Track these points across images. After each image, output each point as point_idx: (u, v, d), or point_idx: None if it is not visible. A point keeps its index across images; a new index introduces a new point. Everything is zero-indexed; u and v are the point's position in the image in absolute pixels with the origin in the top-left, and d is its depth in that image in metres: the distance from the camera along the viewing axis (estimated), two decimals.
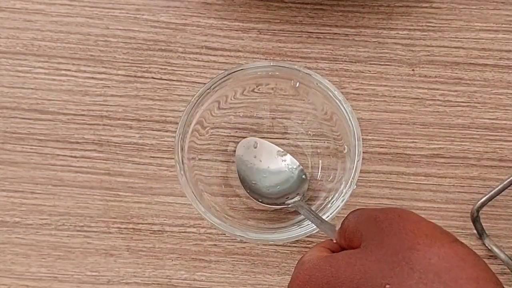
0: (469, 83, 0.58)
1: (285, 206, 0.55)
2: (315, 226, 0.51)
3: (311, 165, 0.57)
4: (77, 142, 0.57)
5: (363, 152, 0.51)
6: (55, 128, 0.57)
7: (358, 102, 0.58)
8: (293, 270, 0.56)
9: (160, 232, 0.56)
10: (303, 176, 0.55)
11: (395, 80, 0.58)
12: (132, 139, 0.57)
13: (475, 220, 0.55)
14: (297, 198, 0.54)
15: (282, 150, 0.56)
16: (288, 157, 0.56)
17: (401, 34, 0.59)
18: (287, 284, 0.56)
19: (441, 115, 0.58)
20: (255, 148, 0.56)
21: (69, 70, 0.58)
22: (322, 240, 0.52)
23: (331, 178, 0.55)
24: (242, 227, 0.52)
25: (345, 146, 0.53)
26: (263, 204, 0.55)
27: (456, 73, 0.58)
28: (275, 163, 0.56)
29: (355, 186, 0.51)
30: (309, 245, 0.56)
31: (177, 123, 0.53)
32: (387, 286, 0.34)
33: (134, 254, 0.56)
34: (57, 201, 0.57)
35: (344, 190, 0.51)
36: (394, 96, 0.58)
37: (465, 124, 0.58)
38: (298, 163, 0.56)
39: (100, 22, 0.58)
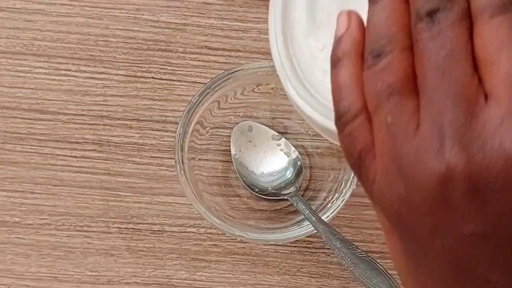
0: None
1: (281, 198, 0.55)
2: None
3: (311, 165, 0.57)
4: (77, 142, 0.57)
5: None
6: (55, 128, 0.57)
7: None
8: (292, 270, 0.56)
9: (160, 232, 0.56)
10: (299, 163, 0.55)
11: None
12: (132, 139, 0.57)
13: None
14: (293, 189, 0.54)
15: (277, 134, 0.56)
16: (283, 141, 0.56)
17: None
18: (287, 284, 0.56)
19: None
20: (250, 132, 0.56)
21: (69, 70, 0.58)
22: (321, 240, 0.52)
23: (331, 178, 0.55)
24: (242, 227, 0.52)
25: None
26: (259, 195, 0.55)
27: None
28: (271, 148, 0.56)
29: (355, 186, 0.51)
30: (309, 245, 0.56)
31: (177, 123, 0.53)
32: None
33: (134, 254, 0.56)
34: (57, 201, 0.57)
35: (344, 190, 0.52)
36: None
37: None
38: (293, 148, 0.56)
39: (100, 22, 0.58)
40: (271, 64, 0.52)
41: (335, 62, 0.29)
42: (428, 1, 0.27)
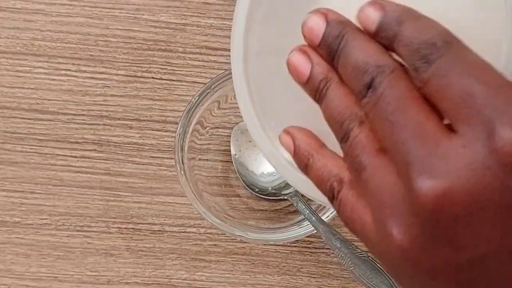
0: None
1: (281, 198, 0.55)
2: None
3: None
4: (77, 142, 0.57)
5: None
6: (55, 128, 0.57)
7: None
8: (292, 270, 0.56)
9: (160, 232, 0.56)
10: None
11: None
12: (132, 139, 0.57)
13: None
14: (293, 189, 0.54)
15: None
16: None
17: None
18: (287, 284, 0.56)
19: None
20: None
21: (69, 70, 0.58)
22: (321, 240, 0.52)
23: None
24: (242, 227, 0.52)
25: None
26: (259, 195, 0.55)
27: None
28: None
29: None
30: (309, 245, 0.56)
31: (177, 123, 0.53)
32: None
33: (134, 254, 0.56)
34: (57, 201, 0.57)
35: None
36: None
37: None
38: None
39: (100, 22, 0.58)
40: None
41: (304, 167, 0.32)
42: (360, 77, 0.28)
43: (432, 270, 0.27)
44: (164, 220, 0.57)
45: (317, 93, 0.30)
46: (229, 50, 0.58)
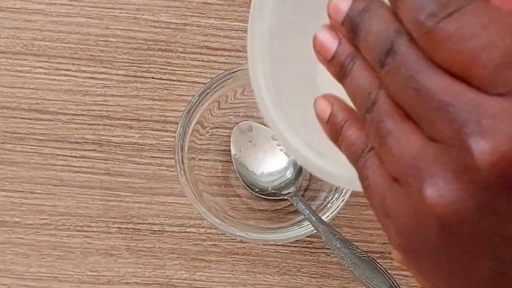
0: None
1: (281, 198, 0.55)
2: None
3: None
4: (77, 142, 0.57)
5: None
6: (55, 128, 0.57)
7: None
8: (292, 270, 0.56)
9: (160, 232, 0.56)
10: (299, 163, 0.55)
11: None
12: (132, 139, 0.57)
13: None
14: (293, 189, 0.54)
15: None
16: None
17: None
18: (287, 284, 0.56)
19: None
20: (250, 132, 0.56)
21: (69, 70, 0.58)
22: (321, 240, 0.52)
23: None
24: (242, 227, 0.52)
25: None
26: (259, 195, 0.55)
27: None
28: (271, 148, 0.56)
29: None
30: (309, 245, 0.56)
31: (177, 123, 0.53)
32: None
33: (134, 254, 0.56)
34: (57, 201, 0.57)
35: (344, 190, 0.51)
36: None
37: None
38: None
39: (100, 22, 0.58)
40: None
41: (336, 133, 0.31)
42: (379, 45, 0.27)
43: (471, 241, 0.25)
44: (164, 220, 0.57)
45: (342, 69, 0.30)
46: (229, 50, 0.58)
